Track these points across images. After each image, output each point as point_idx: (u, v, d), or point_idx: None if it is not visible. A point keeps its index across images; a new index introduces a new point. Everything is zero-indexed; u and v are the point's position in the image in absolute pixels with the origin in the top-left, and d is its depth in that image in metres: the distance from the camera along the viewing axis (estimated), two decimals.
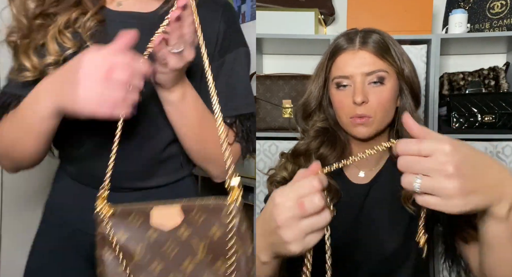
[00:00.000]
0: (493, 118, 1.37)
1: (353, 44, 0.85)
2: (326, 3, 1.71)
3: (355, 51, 0.85)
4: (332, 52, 0.89)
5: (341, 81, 0.86)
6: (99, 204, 0.59)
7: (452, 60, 1.66)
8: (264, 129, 1.51)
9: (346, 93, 0.86)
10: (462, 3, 1.59)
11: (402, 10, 1.51)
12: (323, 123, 0.93)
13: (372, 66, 0.84)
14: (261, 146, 1.50)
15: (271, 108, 1.50)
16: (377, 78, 0.84)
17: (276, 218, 0.53)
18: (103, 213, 0.59)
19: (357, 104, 0.83)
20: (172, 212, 0.59)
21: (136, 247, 0.58)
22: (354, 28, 0.92)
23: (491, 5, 1.54)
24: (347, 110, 0.86)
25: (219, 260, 0.58)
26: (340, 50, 0.87)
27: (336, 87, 0.87)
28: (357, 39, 0.86)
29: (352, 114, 0.85)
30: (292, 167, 0.95)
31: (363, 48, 0.85)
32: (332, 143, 0.91)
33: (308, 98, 0.94)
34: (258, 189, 1.49)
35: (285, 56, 1.75)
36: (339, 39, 0.89)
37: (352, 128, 0.87)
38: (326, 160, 0.89)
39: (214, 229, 0.58)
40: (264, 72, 1.73)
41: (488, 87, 1.51)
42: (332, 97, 0.89)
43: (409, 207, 0.85)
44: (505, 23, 1.51)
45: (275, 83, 1.51)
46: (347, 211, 0.91)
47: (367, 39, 0.85)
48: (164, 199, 0.62)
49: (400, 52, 0.88)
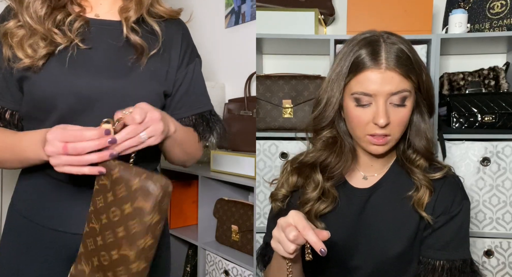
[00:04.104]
0: (493, 118, 1.37)
1: (379, 61, 0.81)
2: (326, 3, 1.71)
3: (382, 71, 0.80)
4: (354, 66, 0.83)
5: (362, 98, 0.82)
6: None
7: (452, 60, 1.66)
8: (264, 130, 1.51)
9: (365, 110, 0.83)
10: (462, 3, 1.59)
11: (402, 10, 1.51)
12: (331, 132, 0.91)
13: (397, 86, 0.81)
14: (261, 146, 1.50)
15: (271, 108, 1.50)
16: (401, 99, 0.82)
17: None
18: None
19: (379, 126, 0.81)
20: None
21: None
22: (372, 30, 0.87)
23: (491, 5, 1.54)
24: (365, 127, 0.84)
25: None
26: (364, 66, 0.82)
27: (356, 104, 0.84)
28: (383, 55, 0.81)
29: (370, 133, 0.84)
30: (294, 179, 0.96)
31: (391, 69, 0.80)
32: (339, 153, 0.90)
33: (325, 113, 0.89)
34: (258, 189, 1.49)
35: (285, 56, 1.75)
36: (361, 50, 0.83)
37: (368, 145, 0.86)
38: (332, 170, 0.89)
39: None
40: (264, 72, 1.73)
41: (488, 87, 1.51)
42: (349, 112, 0.86)
43: (420, 211, 0.86)
44: (505, 23, 1.51)
45: (275, 83, 1.51)
46: (347, 215, 0.91)
47: (394, 57, 0.81)
48: None
49: (419, 63, 0.85)
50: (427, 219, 0.86)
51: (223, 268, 1.65)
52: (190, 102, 0.98)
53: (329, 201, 0.90)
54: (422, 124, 0.89)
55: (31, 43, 0.82)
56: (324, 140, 0.91)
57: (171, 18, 0.97)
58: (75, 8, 0.90)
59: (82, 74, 0.84)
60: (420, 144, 0.89)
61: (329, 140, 0.91)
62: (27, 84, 0.84)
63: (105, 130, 0.70)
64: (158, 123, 0.75)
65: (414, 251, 0.88)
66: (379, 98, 0.81)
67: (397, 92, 0.81)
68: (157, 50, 0.90)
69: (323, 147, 0.91)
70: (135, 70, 0.87)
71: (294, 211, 0.72)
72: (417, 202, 0.86)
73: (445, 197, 0.88)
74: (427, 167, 0.89)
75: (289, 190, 0.96)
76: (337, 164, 0.89)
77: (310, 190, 0.91)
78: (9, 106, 0.88)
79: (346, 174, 0.93)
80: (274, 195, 0.99)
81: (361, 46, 0.83)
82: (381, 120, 0.80)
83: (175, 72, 0.96)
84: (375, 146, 0.85)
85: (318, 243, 0.67)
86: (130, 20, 0.88)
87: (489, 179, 1.38)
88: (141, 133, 0.73)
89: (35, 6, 0.83)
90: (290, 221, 0.71)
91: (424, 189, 0.86)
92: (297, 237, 0.69)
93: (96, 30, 0.88)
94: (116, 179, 0.66)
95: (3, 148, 0.83)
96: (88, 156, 0.70)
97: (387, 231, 0.89)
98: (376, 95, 0.81)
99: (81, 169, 0.71)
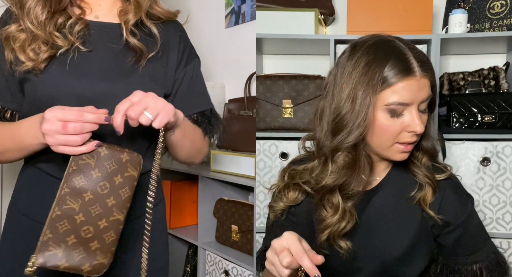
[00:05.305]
0: (493, 118, 1.37)
1: (413, 69, 0.78)
2: (326, 3, 1.71)
3: (418, 79, 0.78)
4: (387, 77, 0.78)
5: (398, 109, 0.79)
6: None
7: (452, 60, 1.65)
8: (264, 130, 1.51)
9: (398, 120, 0.80)
10: (462, 3, 1.59)
11: (402, 10, 1.51)
12: (352, 148, 0.84)
13: (428, 92, 0.81)
14: (261, 146, 1.50)
15: (271, 108, 1.50)
16: (427, 104, 0.82)
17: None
18: None
19: (416, 133, 0.80)
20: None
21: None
22: (376, 34, 0.84)
23: (491, 5, 1.54)
24: (396, 136, 0.81)
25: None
26: (401, 76, 0.77)
27: (390, 114, 0.80)
28: (414, 62, 0.78)
29: (403, 141, 0.81)
30: (294, 196, 0.93)
31: (424, 76, 0.79)
32: (358, 170, 0.85)
33: (351, 135, 0.81)
34: (258, 189, 1.49)
35: (285, 56, 1.74)
36: (390, 59, 0.78)
37: (395, 154, 0.83)
38: (351, 187, 0.85)
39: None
40: (264, 72, 1.73)
41: (488, 87, 1.51)
42: (380, 124, 0.80)
43: (426, 210, 0.86)
44: (505, 23, 1.51)
45: (275, 83, 1.51)
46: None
47: (424, 63, 0.79)
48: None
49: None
50: (436, 218, 0.85)
51: (223, 268, 1.65)
52: (191, 101, 1.00)
53: (348, 218, 0.86)
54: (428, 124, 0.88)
55: (33, 47, 0.83)
56: (344, 158, 0.84)
57: (168, 20, 0.98)
58: (75, 10, 0.90)
59: (82, 77, 0.85)
60: (428, 144, 0.89)
61: (349, 156, 0.84)
62: (28, 86, 0.85)
63: (105, 118, 0.73)
64: (156, 100, 0.76)
65: (417, 251, 0.88)
66: (413, 106, 0.79)
67: (427, 99, 0.81)
68: (155, 52, 0.91)
69: (344, 166, 0.84)
70: (134, 73, 0.88)
71: (288, 233, 0.71)
72: (422, 200, 0.86)
73: (451, 201, 0.87)
74: (430, 166, 0.89)
75: (288, 205, 0.95)
76: (355, 180, 0.86)
77: (330, 214, 0.86)
78: (9, 107, 0.89)
79: (361, 187, 0.89)
80: (272, 207, 0.98)
81: (388, 55, 0.79)
82: (418, 128, 0.79)
83: (174, 74, 0.97)
84: (403, 154, 0.83)
85: (312, 269, 0.67)
86: (129, 23, 0.89)
87: (489, 179, 1.38)
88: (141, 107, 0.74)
89: (35, 11, 0.84)
90: (284, 244, 0.70)
91: (428, 187, 0.86)
92: (291, 263, 0.68)
93: (96, 33, 0.89)
94: (105, 156, 0.74)
95: (2, 136, 0.83)
96: (83, 135, 0.72)
97: (389, 232, 0.88)
98: (412, 104, 0.79)
99: (78, 148, 0.72)
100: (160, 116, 0.76)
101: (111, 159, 0.74)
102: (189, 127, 0.93)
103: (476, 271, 0.87)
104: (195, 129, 0.98)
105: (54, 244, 0.71)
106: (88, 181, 0.73)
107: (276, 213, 0.97)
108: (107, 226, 0.74)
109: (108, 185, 0.74)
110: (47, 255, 0.71)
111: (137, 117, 0.74)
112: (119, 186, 0.75)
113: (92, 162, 0.73)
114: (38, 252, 0.71)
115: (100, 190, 0.74)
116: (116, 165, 0.75)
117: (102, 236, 0.74)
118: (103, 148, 0.74)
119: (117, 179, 0.75)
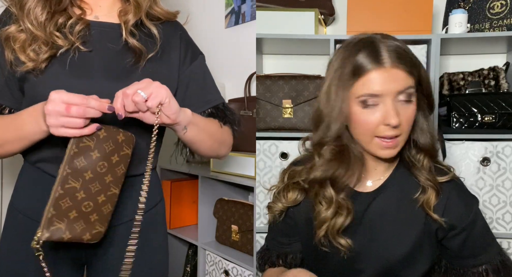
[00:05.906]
0: (493, 118, 1.37)
1: (381, 60, 0.79)
2: (326, 3, 1.71)
3: (386, 69, 0.78)
4: (356, 68, 0.80)
5: (368, 100, 0.79)
6: None
7: (452, 60, 1.66)
8: (264, 129, 1.51)
9: (373, 112, 0.80)
10: (462, 3, 1.59)
11: (402, 10, 1.51)
12: (337, 141, 0.86)
13: (404, 84, 0.79)
14: (261, 146, 1.50)
15: (271, 108, 1.50)
16: (407, 96, 0.80)
17: None
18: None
19: (390, 126, 0.79)
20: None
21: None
22: (363, 33, 0.85)
23: (491, 5, 1.54)
24: (374, 130, 0.81)
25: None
26: (368, 67, 0.79)
27: (362, 106, 0.80)
28: (384, 54, 0.79)
29: (380, 135, 0.81)
30: (294, 196, 0.94)
31: (395, 66, 0.79)
32: (348, 163, 0.86)
33: (330, 129, 0.84)
34: (258, 189, 1.49)
35: (285, 56, 1.75)
36: (361, 52, 0.80)
37: (378, 150, 0.83)
38: (342, 180, 0.87)
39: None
40: (264, 72, 1.73)
41: (488, 87, 1.51)
42: (356, 117, 0.82)
43: (430, 213, 0.85)
44: (505, 23, 1.51)
45: (275, 83, 1.51)
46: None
47: (396, 54, 0.79)
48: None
49: (416, 59, 0.84)
50: (440, 221, 0.85)
51: (223, 268, 1.65)
52: (204, 97, 1.01)
53: (345, 214, 0.87)
54: (425, 121, 0.87)
55: (33, 48, 0.83)
56: (330, 151, 0.87)
57: (168, 20, 0.98)
58: (76, 10, 0.90)
59: (83, 77, 0.85)
60: (425, 141, 0.87)
61: (335, 149, 0.86)
62: (28, 85, 0.85)
63: (108, 107, 0.76)
64: (159, 88, 0.77)
65: (419, 253, 0.88)
66: (387, 98, 0.79)
67: (403, 90, 0.79)
68: (155, 53, 0.91)
69: (331, 159, 0.87)
70: (134, 73, 0.89)
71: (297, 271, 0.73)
72: (425, 203, 0.86)
73: (456, 203, 0.87)
74: (432, 168, 0.88)
75: (287, 205, 0.96)
76: (346, 173, 0.86)
77: (324, 208, 0.88)
78: (8, 104, 0.89)
79: (354, 181, 0.90)
80: (271, 207, 0.98)
81: (360, 48, 0.81)
82: (392, 120, 0.78)
83: (177, 73, 0.97)
84: (386, 150, 0.82)
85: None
86: (129, 24, 0.90)
87: (489, 179, 1.38)
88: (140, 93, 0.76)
89: (35, 12, 0.84)
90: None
91: (430, 190, 0.85)
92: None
93: (96, 33, 0.89)
94: (104, 138, 0.78)
95: (2, 126, 0.83)
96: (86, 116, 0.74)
97: (391, 233, 0.88)
98: (383, 95, 0.79)
99: (80, 131, 0.74)
100: (153, 95, 0.77)
101: (108, 140, 0.78)
102: (202, 121, 0.93)
103: (482, 273, 0.86)
104: (210, 122, 0.98)
105: (57, 220, 0.75)
106: (88, 161, 0.77)
107: (274, 213, 0.97)
108: (105, 200, 0.80)
109: (106, 164, 0.78)
110: (52, 230, 0.75)
111: (132, 94, 0.75)
112: (116, 164, 0.80)
113: (92, 144, 0.77)
114: (43, 227, 0.75)
115: (99, 169, 0.78)
116: (113, 145, 0.79)
117: (101, 208, 0.80)
118: (102, 131, 0.78)
119: (114, 158, 0.79)
